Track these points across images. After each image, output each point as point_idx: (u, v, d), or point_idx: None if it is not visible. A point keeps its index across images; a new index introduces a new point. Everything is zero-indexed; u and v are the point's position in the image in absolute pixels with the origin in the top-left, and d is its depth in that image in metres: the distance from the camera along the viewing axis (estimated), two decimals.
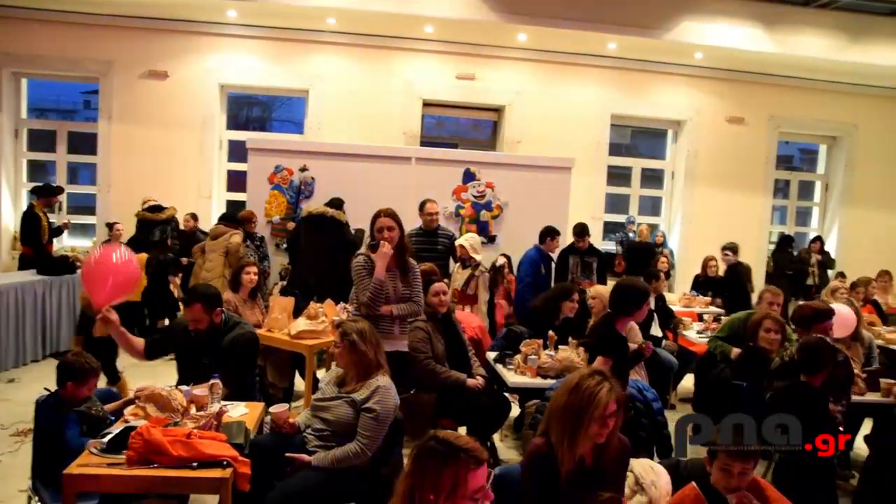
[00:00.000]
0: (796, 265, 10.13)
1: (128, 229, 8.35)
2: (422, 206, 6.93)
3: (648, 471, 2.85)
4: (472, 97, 9.99)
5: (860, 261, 10.29)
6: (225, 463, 2.81)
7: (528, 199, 8.34)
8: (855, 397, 4.81)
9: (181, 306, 7.05)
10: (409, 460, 2.00)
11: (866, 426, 5.21)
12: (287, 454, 3.19)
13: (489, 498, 1.95)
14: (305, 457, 3.20)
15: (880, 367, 5.19)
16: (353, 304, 4.57)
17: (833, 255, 10.69)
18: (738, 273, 8.25)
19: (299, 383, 5.89)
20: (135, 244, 7.47)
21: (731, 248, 8.38)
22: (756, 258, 10.27)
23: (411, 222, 7.15)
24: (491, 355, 5.23)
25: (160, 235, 8.04)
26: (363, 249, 4.71)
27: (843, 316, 5.18)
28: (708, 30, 8.98)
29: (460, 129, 11.10)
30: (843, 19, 9.32)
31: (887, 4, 9.03)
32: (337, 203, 7.13)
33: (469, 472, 1.91)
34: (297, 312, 5.46)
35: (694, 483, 2.59)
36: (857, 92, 10.85)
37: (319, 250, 6.30)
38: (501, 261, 7.13)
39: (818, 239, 10.49)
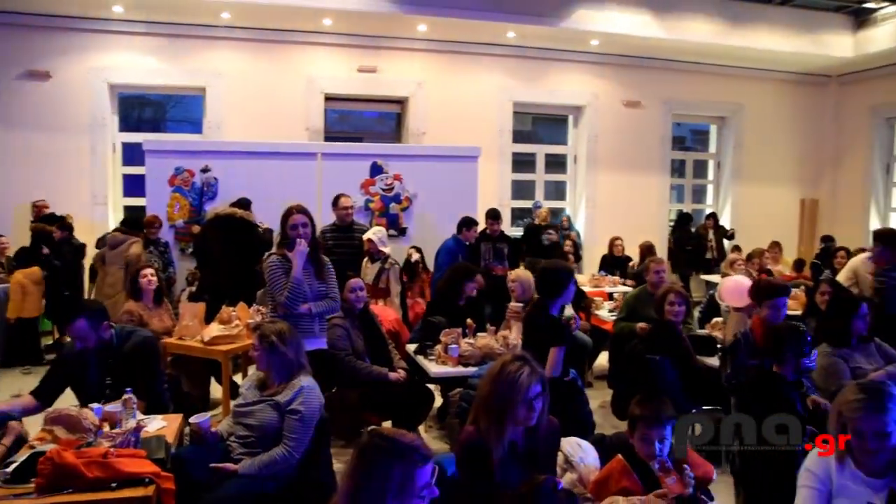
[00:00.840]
0: (694, 241, 10.63)
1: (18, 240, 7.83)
2: (336, 200, 6.82)
3: (576, 448, 2.93)
4: (374, 90, 9.91)
5: (752, 233, 10.92)
6: (147, 480, 2.70)
7: (436, 190, 8.39)
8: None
9: None
10: (352, 459, 1.95)
11: None
12: (212, 465, 3.09)
13: (434, 494, 1.93)
14: (231, 465, 3.11)
15: None
16: (269, 306, 4.47)
17: (728, 229, 11.26)
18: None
19: (215, 390, 5.73)
20: (26, 256, 7.06)
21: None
22: (658, 236, 10.71)
23: (320, 219, 7.06)
24: (411, 347, 5.24)
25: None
26: (275, 249, 4.61)
27: (741, 285, 5.45)
28: (602, 17, 9.24)
29: (364, 122, 11.02)
30: (725, 6, 9.79)
31: None
32: (244, 203, 6.95)
33: (417, 470, 1.89)
34: (210, 318, 5.29)
35: (620, 455, 2.68)
36: (742, 74, 11.44)
37: (229, 253, 6.12)
38: (415, 256, 7.13)
39: (712, 215, 11.05)
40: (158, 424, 3.39)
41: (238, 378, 5.69)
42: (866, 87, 11.65)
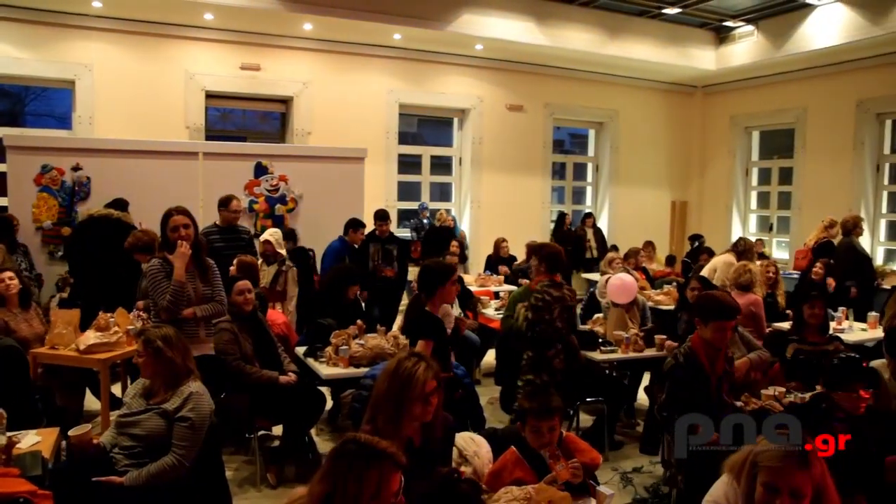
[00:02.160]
0: (574, 241, 11.06)
1: None
2: (227, 202, 6.58)
3: (469, 442, 3.00)
4: (258, 88, 9.68)
5: (629, 233, 11.52)
6: (22, 500, 2.54)
7: (323, 191, 8.32)
8: (634, 354, 5.41)
9: None
10: (328, 463, 1.94)
11: (646, 379, 5.85)
12: (94, 479, 2.94)
13: (402, 502, 1.95)
14: (116, 479, 2.97)
15: (653, 326, 5.84)
16: (152, 311, 4.30)
17: (605, 230, 11.80)
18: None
19: (91, 402, 5.44)
20: None
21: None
22: (540, 236, 11.06)
23: (203, 220, 6.84)
24: (300, 350, 5.18)
25: None
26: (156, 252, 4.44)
27: (627, 283, 5.76)
28: (486, 23, 9.45)
29: (248, 121, 10.74)
30: (603, 17, 10.25)
31: (636, 6, 10.07)
32: (121, 204, 6.61)
33: (392, 475, 1.90)
34: (85, 325, 5.01)
35: (513, 447, 2.78)
36: (618, 82, 12.03)
37: (105, 256, 5.81)
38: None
39: (590, 215, 11.54)
40: (32, 440, 3.19)
41: (117, 389, 5.43)
42: (727, 98, 12.54)
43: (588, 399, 5.11)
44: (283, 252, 6.43)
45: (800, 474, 2.04)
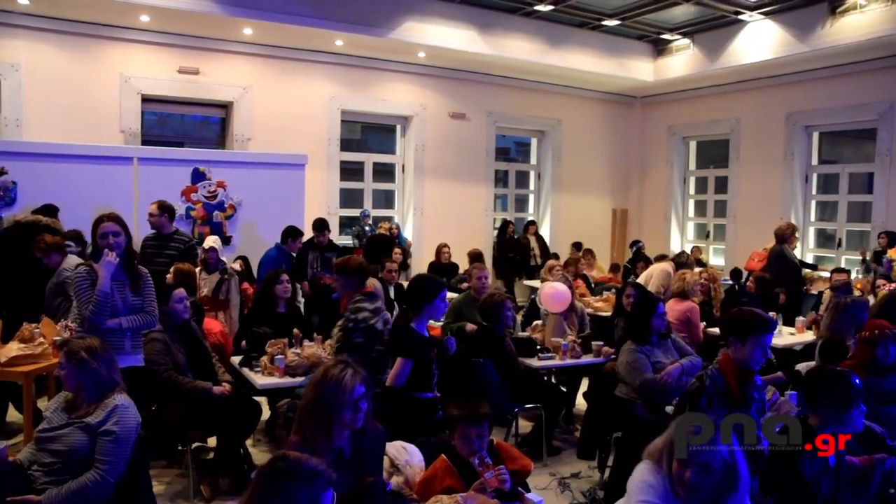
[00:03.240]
0: (517, 248, 11.17)
1: None
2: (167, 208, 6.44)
3: (402, 451, 2.99)
4: (196, 93, 9.49)
5: (570, 240, 11.69)
6: None
7: (262, 198, 8.21)
8: (571, 360, 5.49)
9: None
10: (255, 482, 1.89)
11: (584, 385, 5.93)
12: (10, 498, 2.82)
13: None
14: (34, 497, 2.85)
15: (590, 333, 5.93)
16: (77, 321, 4.16)
17: (548, 238, 11.94)
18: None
19: (12, 417, 5.24)
20: None
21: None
22: (483, 244, 11.13)
23: (138, 228, 6.69)
24: (236, 359, 5.09)
25: None
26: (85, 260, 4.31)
27: (560, 292, 5.84)
28: (429, 31, 9.48)
29: (186, 126, 10.52)
30: (545, 28, 10.39)
31: (577, 17, 10.24)
32: (50, 210, 6.39)
33: (322, 494, 1.87)
34: (8, 336, 4.81)
35: (443, 455, 2.78)
36: (560, 92, 12.20)
37: (32, 264, 5.60)
38: (237, 267, 6.94)
39: (533, 223, 11.68)
40: None
41: (42, 403, 5.23)
42: (665, 109, 12.85)
43: (526, 406, 5.15)
44: (225, 260, 6.31)
45: (706, 452, 2.24)
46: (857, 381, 2.96)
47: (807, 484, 2.75)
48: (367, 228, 10.02)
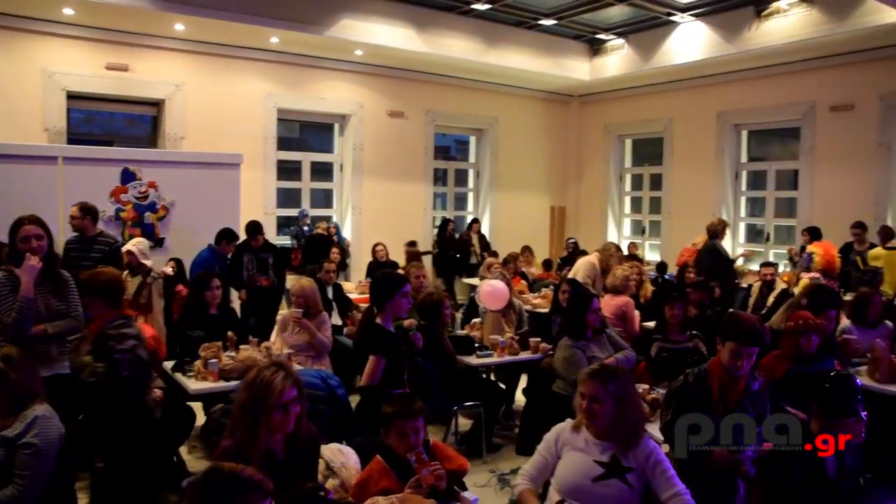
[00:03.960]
0: (459, 247, 11.18)
1: None
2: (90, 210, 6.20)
3: (337, 454, 2.95)
4: (126, 90, 9.20)
5: (509, 237, 11.77)
6: None
7: (196, 198, 7.99)
8: (510, 357, 5.52)
9: None
10: (188, 494, 1.83)
11: (523, 381, 5.97)
12: None
13: None
14: None
15: (528, 329, 5.98)
16: None
17: (487, 235, 12.00)
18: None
19: None
20: None
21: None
22: (424, 242, 11.13)
23: (62, 230, 6.44)
24: (168, 364, 4.95)
25: None
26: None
27: (498, 290, 5.87)
28: (366, 28, 9.39)
29: (115, 124, 10.18)
30: (482, 26, 10.42)
31: (514, 17, 10.31)
32: None
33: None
34: None
35: (378, 456, 2.76)
36: (498, 90, 12.28)
37: None
38: (168, 270, 6.75)
39: (476, 221, 11.72)
40: None
41: None
42: (601, 108, 13.07)
43: (466, 403, 5.15)
44: (149, 262, 6.11)
45: (594, 384, 2.82)
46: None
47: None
48: (305, 228, 9.89)
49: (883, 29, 8.17)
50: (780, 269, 9.01)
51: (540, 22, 10.45)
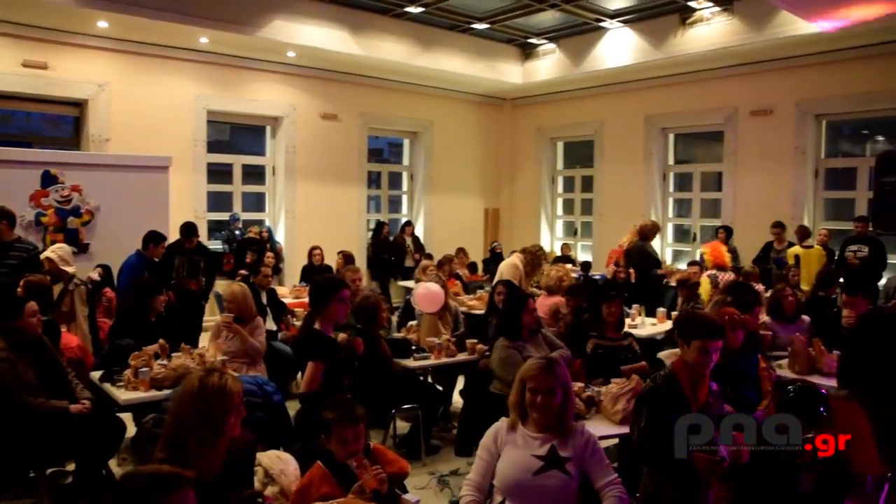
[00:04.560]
0: (393, 249, 11.17)
1: None
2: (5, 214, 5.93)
3: (276, 461, 2.91)
4: (45, 89, 8.82)
5: (444, 240, 11.81)
6: None
7: (123, 202, 7.78)
8: (447, 359, 5.54)
9: None
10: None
11: (461, 383, 6.00)
12: None
13: None
14: None
15: (464, 331, 6.01)
16: None
17: (422, 238, 12.02)
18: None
19: None
20: None
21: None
22: (358, 245, 11.07)
23: None
24: (96, 374, 4.78)
25: None
26: None
27: (433, 292, 5.89)
28: (299, 30, 9.27)
29: (34, 125, 9.76)
30: (416, 29, 10.43)
31: (447, 20, 10.37)
32: None
33: (188, 494, 1.83)
34: None
35: (319, 462, 2.72)
36: (432, 93, 12.31)
37: None
38: (95, 276, 6.52)
39: (409, 223, 11.72)
40: None
41: None
42: (533, 111, 13.26)
43: (403, 406, 5.14)
44: (70, 269, 5.88)
45: (548, 378, 2.87)
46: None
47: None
48: (237, 233, 9.70)
49: (797, 39, 8.57)
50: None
51: (473, 26, 10.54)
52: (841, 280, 6.97)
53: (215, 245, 9.82)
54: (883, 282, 7.71)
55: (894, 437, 3.39)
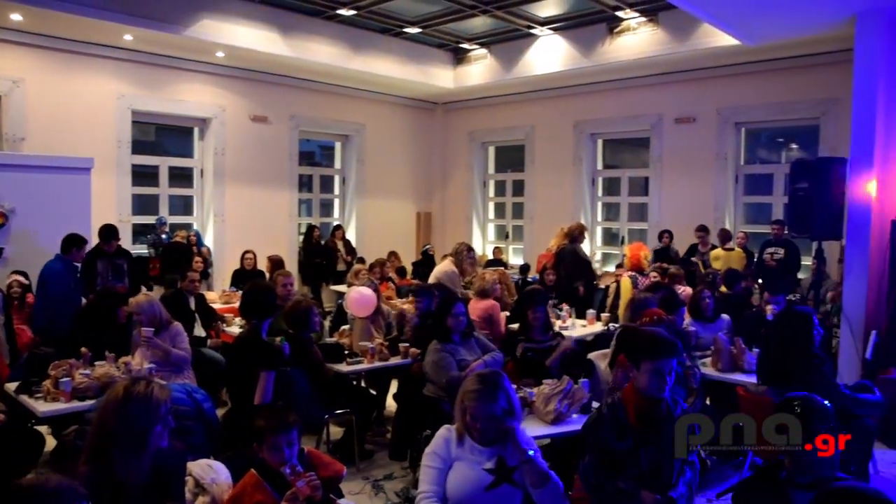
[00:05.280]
0: (324, 253, 11.06)
1: None
2: None
3: (207, 470, 2.84)
4: None
5: (376, 243, 11.77)
6: None
7: (41, 205, 7.45)
8: (380, 363, 5.53)
9: None
10: None
11: (394, 386, 5.99)
12: None
13: None
14: None
15: (397, 335, 6.01)
16: None
17: (354, 242, 11.94)
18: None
19: None
20: None
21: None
22: (288, 249, 10.92)
23: None
24: (11, 386, 4.57)
25: None
26: None
27: (365, 296, 5.87)
28: (228, 30, 9.07)
29: None
30: (347, 32, 10.36)
31: (379, 24, 10.34)
32: None
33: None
34: None
35: (252, 470, 2.68)
36: (364, 97, 12.27)
37: None
38: (16, 284, 6.25)
39: (339, 227, 11.63)
40: None
41: None
42: (465, 115, 13.37)
43: (337, 411, 5.10)
44: None
45: (489, 405, 2.74)
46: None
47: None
48: (163, 237, 9.43)
49: (718, 50, 8.90)
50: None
51: (405, 30, 10.55)
52: (760, 281, 7.31)
53: (140, 250, 9.51)
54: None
55: None
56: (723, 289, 7.55)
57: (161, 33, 8.66)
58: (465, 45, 11.36)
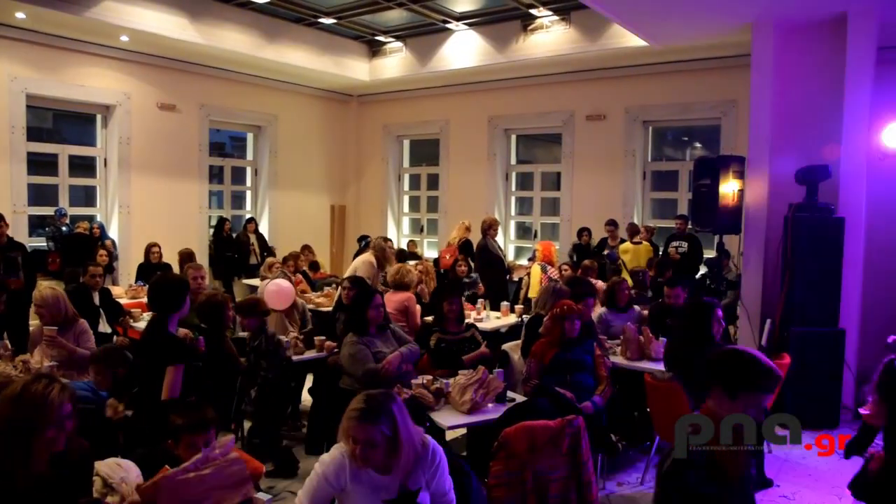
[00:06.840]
0: (236, 246, 10.81)
1: None
2: None
3: (116, 468, 2.75)
4: None
5: (290, 236, 11.60)
6: None
7: None
8: (295, 357, 5.48)
9: None
10: None
11: (310, 380, 5.95)
12: None
13: None
14: None
15: (313, 328, 5.97)
16: None
17: (266, 234, 11.72)
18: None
19: None
20: None
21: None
22: (198, 242, 10.61)
23: None
24: None
25: None
26: None
27: (283, 289, 5.80)
28: (133, 13, 8.70)
29: None
30: (260, 20, 10.12)
31: (293, 13, 10.16)
32: None
33: None
34: None
35: (167, 466, 2.61)
36: (277, 87, 12.04)
37: None
38: None
39: (252, 220, 11.39)
40: None
41: None
42: (380, 108, 13.32)
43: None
44: None
45: (368, 427, 2.45)
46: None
47: None
48: (63, 228, 8.99)
49: (628, 51, 9.20)
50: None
51: (320, 20, 10.41)
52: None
53: (38, 243, 9.04)
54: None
55: None
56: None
57: (58, 13, 8.20)
58: (381, 38, 11.31)
